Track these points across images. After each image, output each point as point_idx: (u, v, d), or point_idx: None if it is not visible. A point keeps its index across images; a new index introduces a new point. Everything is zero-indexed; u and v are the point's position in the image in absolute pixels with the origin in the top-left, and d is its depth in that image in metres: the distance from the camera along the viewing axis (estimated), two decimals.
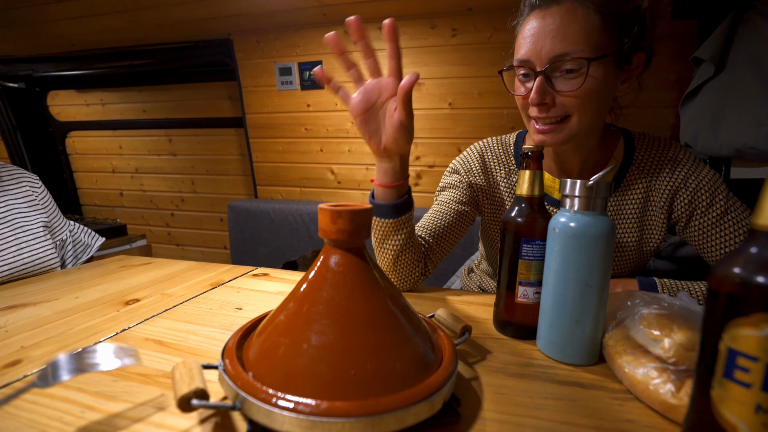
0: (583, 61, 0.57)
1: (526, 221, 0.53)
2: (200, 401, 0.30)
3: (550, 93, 0.61)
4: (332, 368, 0.33)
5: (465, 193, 0.77)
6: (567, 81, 0.60)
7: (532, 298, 0.53)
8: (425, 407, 0.32)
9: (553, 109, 0.62)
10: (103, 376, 0.42)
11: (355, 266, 0.38)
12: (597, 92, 0.60)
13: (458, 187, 0.78)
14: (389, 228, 0.64)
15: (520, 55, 0.62)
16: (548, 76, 0.60)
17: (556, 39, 0.58)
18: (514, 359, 0.48)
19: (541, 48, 0.59)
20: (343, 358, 0.33)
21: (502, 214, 0.57)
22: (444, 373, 0.35)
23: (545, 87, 0.61)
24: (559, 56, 0.58)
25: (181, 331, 0.53)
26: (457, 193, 0.77)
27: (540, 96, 0.61)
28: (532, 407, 0.39)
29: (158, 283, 0.75)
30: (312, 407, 0.30)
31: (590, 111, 0.62)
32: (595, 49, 0.58)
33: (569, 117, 0.62)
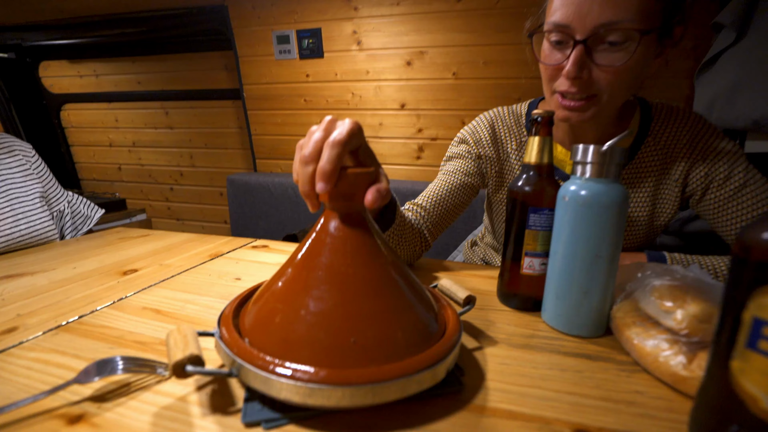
0: (633, 33, 0.51)
1: (534, 190, 0.51)
2: (195, 367, 0.29)
3: (588, 66, 0.55)
4: (331, 335, 0.31)
5: (472, 164, 0.75)
6: (609, 54, 0.53)
7: (538, 269, 0.52)
8: (428, 376, 0.31)
9: (585, 85, 0.56)
10: (100, 342, 0.41)
11: (355, 231, 0.36)
12: (636, 69, 0.55)
13: (465, 158, 0.75)
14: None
15: (557, 17, 0.54)
16: (589, 47, 0.54)
17: (606, 4, 0.50)
18: (519, 330, 0.47)
19: (586, 13, 0.51)
20: (342, 325, 0.32)
21: (509, 184, 0.55)
22: (448, 342, 0.34)
23: (584, 59, 0.54)
24: (606, 25, 0.51)
25: (178, 300, 0.53)
26: (464, 163, 0.75)
27: (577, 69, 0.54)
28: (537, 378, 0.38)
29: (157, 254, 0.74)
30: (310, 374, 0.28)
31: (623, 89, 0.57)
32: (646, 19, 0.50)
33: (598, 95, 0.57)
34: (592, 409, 0.33)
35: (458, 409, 0.33)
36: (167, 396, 0.33)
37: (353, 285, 0.34)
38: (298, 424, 0.30)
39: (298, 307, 0.33)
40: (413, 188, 1.35)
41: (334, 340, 0.31)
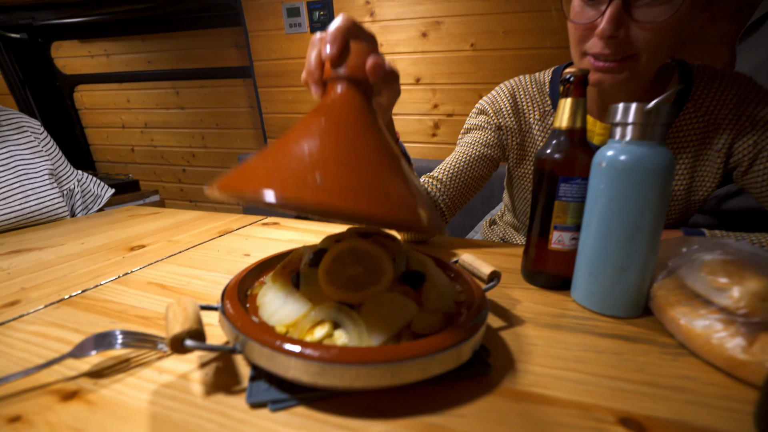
0: None
1: (566, 157, 0.46)
2: (195, 342, 0.27)
3: (625, 24, 0.49)
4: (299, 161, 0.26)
5: (492, 135, 0.70)
6: (650, 9, 0.48)
7: (568, 244, 0.48)
8: (452, 355, 0.28)
9: (622, 45, 0.51)
10: (101, 316, 0.39)
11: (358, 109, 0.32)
12: (680, 25, 0.49)
13: (485, 129, 0.70)
14: None
15: None
16: (627, 1, 0.48)
17: None
18: (547, 310, 0.44)
19: None
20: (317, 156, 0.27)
21: (536, 152, 0.50)
22: (474, 319, 0.31)
23: (621, 15, 0.49)
24: None
25: (185, 275, 0.50)
26: (484, 135, 0.70)
27: (614, 26, 0.49)
28: (571, 360, 0.34)
29: (166, 230, 0.72)
30: (322, 352, 0.25)
31: (664, 49, 0.52)
32: None
33: (636, 56, 0.51)
34: (636, 395, 0.30)
35: (485, 393, 0.29)
36: (168, 373, 0.31)
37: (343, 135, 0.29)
38: (308, 406, 0.27)
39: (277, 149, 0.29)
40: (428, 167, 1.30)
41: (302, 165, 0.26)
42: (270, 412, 0.27)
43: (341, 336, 0.29)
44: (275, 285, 0.34)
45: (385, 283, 0.31)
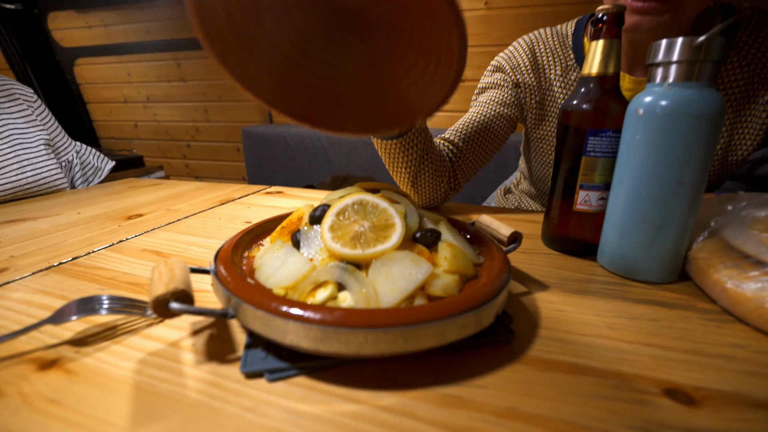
0: None
1: (596, 107, 0.41)
2: (181, 305, 0.24)
3: None
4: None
5: (509, 93, 0.64)
6: None
7: (595, 205, 0.43)
8: (472, 319, 0.24)
9: None
10: (91, 283, 0.37)
11: None
12: None
13: (502, 87, 0.65)
14: (396, 149, 0.53)
15: None
16: None
17: None
18: (572, 275, 0.40)
19: None
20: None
21: (561, 103, 0.45)
22: (496, 281, 0.27)
23: None
24: None
25: (182, 242, 0.47)
26: (500, 93, 0.65)
27: None
28: (602, 326, 0.31)
29: (165, 200, 0.69)
30: (324, 313, 0.22)
31: None
32: None
33: None
34: (680, 364, 0.26)
35: (509, 362, 0.26)
36: (157, 341, 0.28)
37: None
38: (309, 376, 0.24)
39: None
40: None
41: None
42: (267, 383, 0.24)
43: (346, 298, 0.26)
44: (274, 246, 0.31)
45: (395, 241, 0.28)
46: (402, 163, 0.54)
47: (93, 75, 1.98)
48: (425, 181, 0.56)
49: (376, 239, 0.28)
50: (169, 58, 1.79)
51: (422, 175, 0.55)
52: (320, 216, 0.30)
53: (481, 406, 0.22)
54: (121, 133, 2.07)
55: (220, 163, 1.97)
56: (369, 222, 0.29)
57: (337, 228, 0.29)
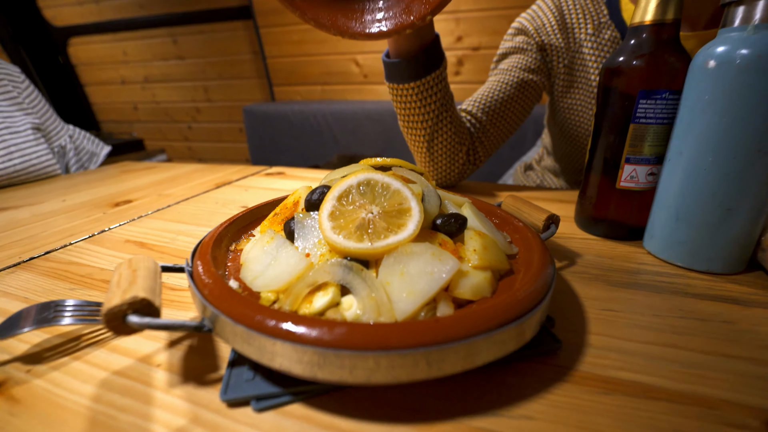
0: None
1: (650, 62, 0.34)
2: (142, 318, 0.18)
3: None
4: None
5: (534, 58, 0.57)
6: None
7: (643, 181, 0.37)
8: (513, 334, 0.19)
9: None
10: (61, 282, 0.32)
11: None
12: None
13: (525, 51, 0.57)
14: (413, 96, 0.46)
15: None
16: None
17: None
18: (617, 264, 0.34)
19: None
20: None
21: (605, 61, 0.38)
22: (537, 279, 0.21)
23: None
24: None
25: (170, 231, 0.43)
26: (523, 58, 0.57)
27: None
28: (665, 330, 0.25)
29: (158, 184, 0.64)
30: (322, 330, 0.17)
31: None
32: None
33: None
34: None
35: (557, 380, 0.21)
36: (126, 355, 0.23)
37: None
38: (307, 404, 0.19)
39: None
40: None
41: None
42: (254, 412, 0.19)
43: (351, 305, 0.20)
44: (264, 237, 0.25)
45: (412, 230, 0.22)
46: (418, 117, 0.48)
47: (88, 55, 1.91)
48: (443, 144, 0.51)
49: (388, 228, 0.22)
50: (165, 34, 1.72)
51: (439, 135, 0.50)
52: (318, 200, 0.25)
53: None
54: (121, 116, 2.02)
55: (223, 145, 1.91)
56: (378, 207, 0.24)
57: (339, 215, 0.23)
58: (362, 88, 1.43)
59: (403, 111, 0.49)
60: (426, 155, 0.52)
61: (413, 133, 0.50)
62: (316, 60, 1.46)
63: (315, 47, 1.42)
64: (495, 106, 0.55)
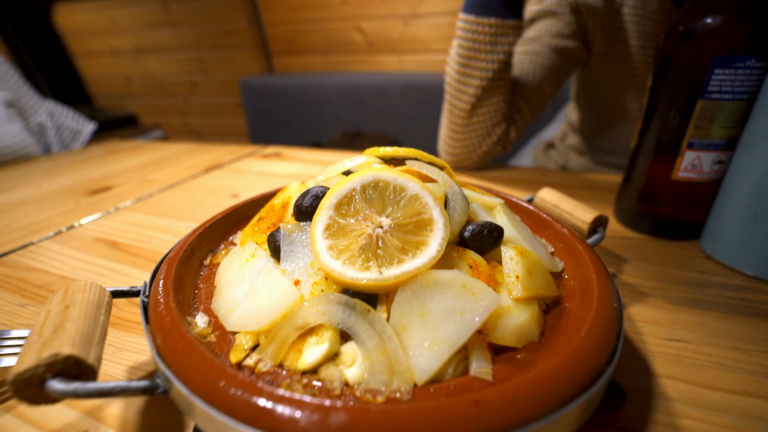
0: None
1: (724, 23, 0.27)
2: (68, 384, 0.13)
3: None
4: None
5: (567, 21, 0.49)
6: None
7: (708, 171, 0.31)
8: (579, 412, 0.13)
9: None
10: (11, 296, 0.27)
11: None
12: None
13: (557, 14, 0.49)
14: (487, 35, 0.43)
15: None
16: None
17: None
18: (674, 273, 0.28)
19: None
20: None
21: (670, 21, 0.30)
22: (605, 323, 0.16)
23: None
24: None
25: (148, 227, 0.37)
26: (555, 22, 0.49)
27: None
28: (751, 371, 0.20)
29: (144, 168, 0.58)
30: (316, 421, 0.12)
31: None
32: None
33: None
34: None
35: None
36: (70, 406, 0.18)
37: None
38: None
39: None
40: None
41: None
42: None
43: (354, 360, 0.15)
44: (242, 252, 0.20)
45: (434, 252, 0.16)
46: (481, 63, 0.44)
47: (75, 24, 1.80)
48: (486, 112, 0.46)
49: (403, 249, 0.17)
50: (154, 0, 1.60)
51: (490, 96, 0.46)
52: (311, 207, 0.19)
53: None
54: (113, 89, 1.93)
55: (221, 120, 1.83)
56: (390, 218, 0.18)
57: (337, 231, 0.17)
58: (366, 58, 1.32)
59: (469, 51, 0.44)
60: (465, 121, 0.47)
61: (466, 83, 0.45)
62: (316, 28, 1.35)
63: (315, 12, 1.31)
64: (527, 82, 0.48)
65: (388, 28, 1.27)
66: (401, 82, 1.19)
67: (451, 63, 0.47)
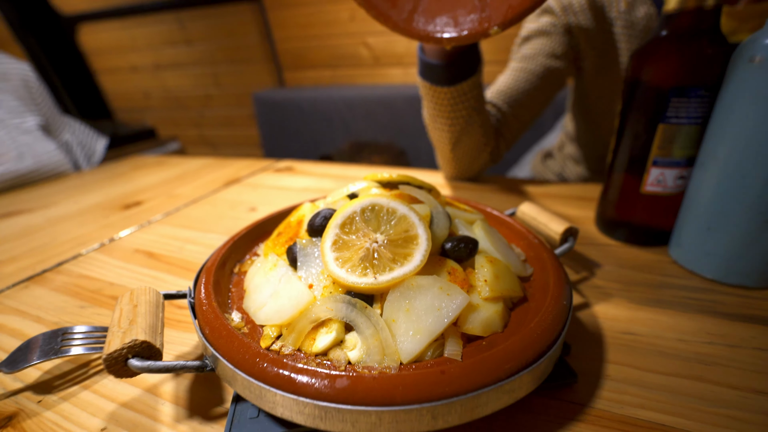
0: None
1: (683, 56, 0.31)
2: (143, 362, 0.18)
3: None
4: None
5: (560, 42, 0.53)
6: None
7: (672, 186, 0.34)
8: (526, 380, 0.18)
9: None
10: (71, 299, 0.32)
11: None
12: None
13: (550, 35, 0.53)
14: (445, 99, 0.44)
15: None
16: None
17: None
18: (640, 276, 0.32)
19: None
20: None
21: (633, 51, 0.35)
22: (553, 311, 0.20)
23: None
24: None
25: (178, 239, 0.42)
26: (548, 43, 0.53)
27: None
28: (693, 360, 0.23)
29: (168, 183, 0.64)
30: (320, 382, 0.16)
31: None
32: None
33: None
34: None
35: (570, 420, 0.20)
36: (134, 384, 0.23)
37: None
38: None
39: None
40: None
41: None
42: None
43: (355, 344, 0.20)
44: (266, 263, 0.25)
45: (418, 261, 0.21)
46: (447, 120, 0.46)
47: (98, 43, 1.90)
48: (468, 146, 0.49)
49: (394, 259, 0.21)
50: (172, 19, 1.69)
51: (467, 138, 0.48)
52: (321, 226, 0.24)
53: None
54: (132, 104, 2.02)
55: (235, 131, 1.90)
56: (384, 235, 0.22)
57: (342, 245, 0.22)
58: (373, 72, 1.38)
59: (433, 110, 0.47)
60: (449, 154, 0.50)
61: (439, 131, 0.48)
62: (325, 44, 1.41)
63: (323, 29, 1.37)
64: (519, 98, 0.52)
65: (393, 43, 1.32)
66: (406, 93, 1.24)
67: (424, 112, 0.49)
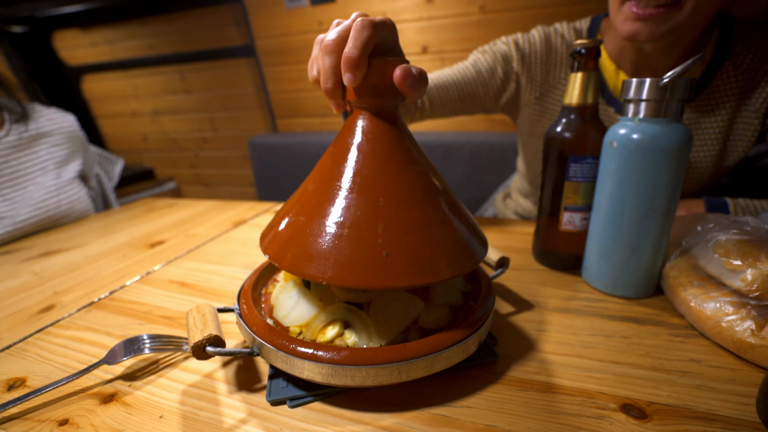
0: None
1: (575, 136, 0.45)
2: (215, 348, 0.28)
3: None
4: (360, 247, 0.27)
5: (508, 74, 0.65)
6: None
7: (579, 225, 0.47)
8: (458, 351, 0.29)
9: None
10: (129, 318, 0.42)
11: (387, 133, 0.30)
12: None
13: (505, 61, 0.64)
14: None
15: None
16: None
17: None
18: (557, 292, 0.44)
19: None
20: (372, 237, 0.27)
21: (546, 130, 0.48)
22: (479, 312, 0.31)
23: None
24: None
25: (203, 271, 0.53)
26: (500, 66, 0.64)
27: None
28: (578, 345, 0.35)
29: (182, 224, 0.74)
30: (332, 354, 0.27)
31: None
32: None
33: (681, 2, 0.48)
34: (640, 380, 0.30)
35: (492, 383, 0.31)
36: (194, 373, 0.33)
37: (385, 192, 0.29)
38: (324, 402, 0.29)
39: (322, 219, 0.28)
40: (440, 140, 1.28)
41: (364, 252, 0.27)
42: (289, 408, 0.29)
43: (351, 335, 0.30)
44: (287, 285, 0.35)
45: None
46: None
47: (101, 91, 2.03)
48: None
49: None
50: (173, 71, 1.84)
51: None
52: None
53: (466, 425, 0.27)
54: (131, 146, 2.13)
55: (228, 171, 2.02)
56: None
57: None
58: None
59: None
60: None
61: None
62: (315, 96, 1.58)
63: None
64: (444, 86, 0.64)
65: None
66: None
67: None
